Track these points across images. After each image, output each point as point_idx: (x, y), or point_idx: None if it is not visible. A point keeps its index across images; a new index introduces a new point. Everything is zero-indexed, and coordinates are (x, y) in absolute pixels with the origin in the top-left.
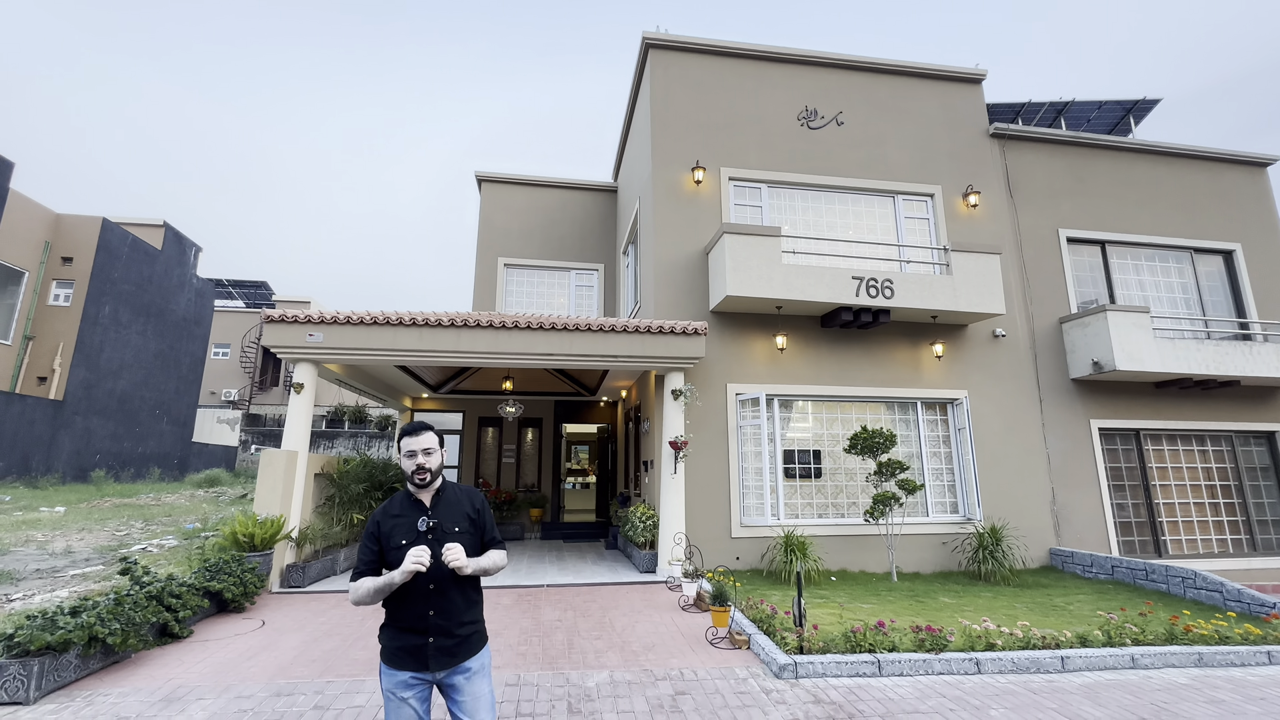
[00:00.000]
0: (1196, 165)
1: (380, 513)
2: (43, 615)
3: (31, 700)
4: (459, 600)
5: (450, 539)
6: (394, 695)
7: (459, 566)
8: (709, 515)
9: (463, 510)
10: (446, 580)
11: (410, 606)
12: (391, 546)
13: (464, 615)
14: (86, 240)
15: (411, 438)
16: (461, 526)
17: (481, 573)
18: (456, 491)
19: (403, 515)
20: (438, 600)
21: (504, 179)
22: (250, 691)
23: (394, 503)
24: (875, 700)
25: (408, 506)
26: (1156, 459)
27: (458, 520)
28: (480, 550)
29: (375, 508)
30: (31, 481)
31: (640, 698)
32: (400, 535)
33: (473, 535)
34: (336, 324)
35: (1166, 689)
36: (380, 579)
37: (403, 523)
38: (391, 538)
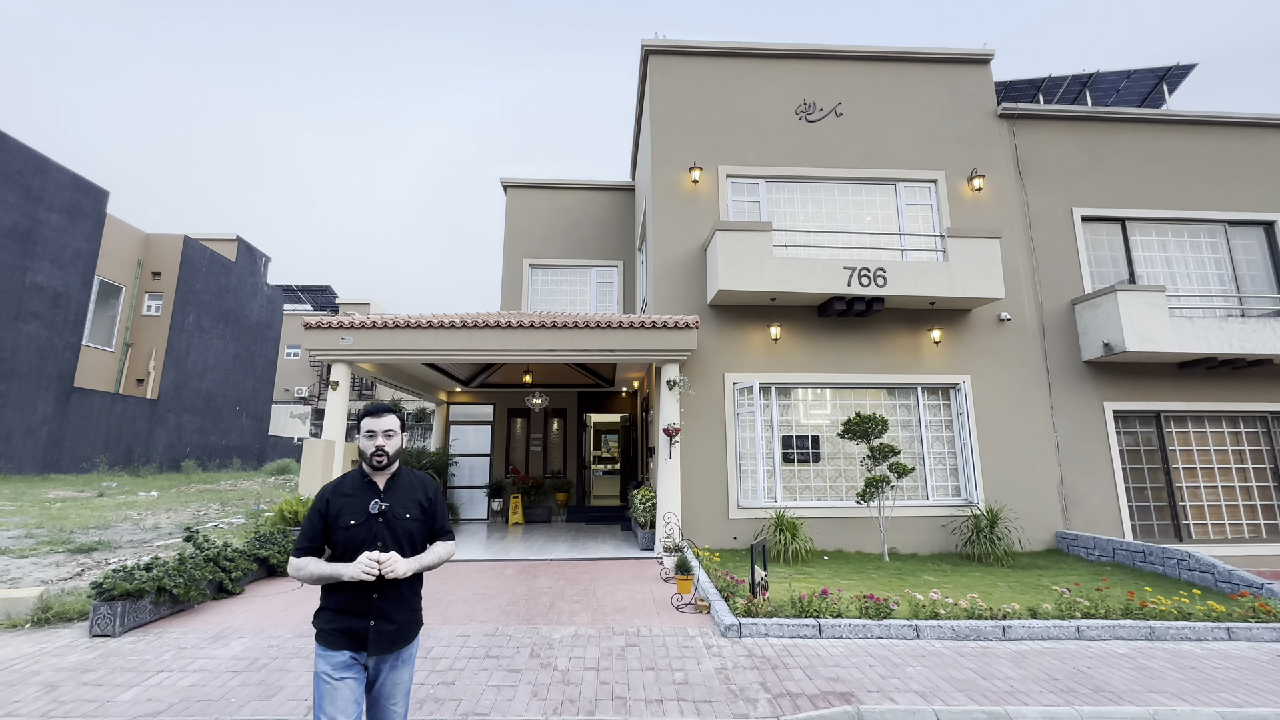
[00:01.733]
0: (1233, 133)
1: (330, 489)
2: (124, 570)
3: (117, 634)
4: (404, 589)
5: (401, 524)
6: (330, 677)
7: (399, 575)
8: (708, 497)
9: (415, 497)
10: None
11: (355, 590)
12: (339, 525)
13: (407, 603)
14: (171, 256)
15: (373, 418)
16: (413, 514)
17: (424, 569)
18: (412, 478)
19: (354, 495)
20: (383, 587)
21: (527, 184)
22: (279, 633)
23: (346, 481)
24: (803, 656)
25: (360, 487)
26: (1180, 441)
27: (409, 507)
28: (429, 538)
29: None
30: (134, 470)
31: (594, 648)
32: (349, 515)
33: (423, 523)
34: (364, 328)
35: (1100, 657)
36: (327, 568)
37: (353, 502)
38: (340, 516)
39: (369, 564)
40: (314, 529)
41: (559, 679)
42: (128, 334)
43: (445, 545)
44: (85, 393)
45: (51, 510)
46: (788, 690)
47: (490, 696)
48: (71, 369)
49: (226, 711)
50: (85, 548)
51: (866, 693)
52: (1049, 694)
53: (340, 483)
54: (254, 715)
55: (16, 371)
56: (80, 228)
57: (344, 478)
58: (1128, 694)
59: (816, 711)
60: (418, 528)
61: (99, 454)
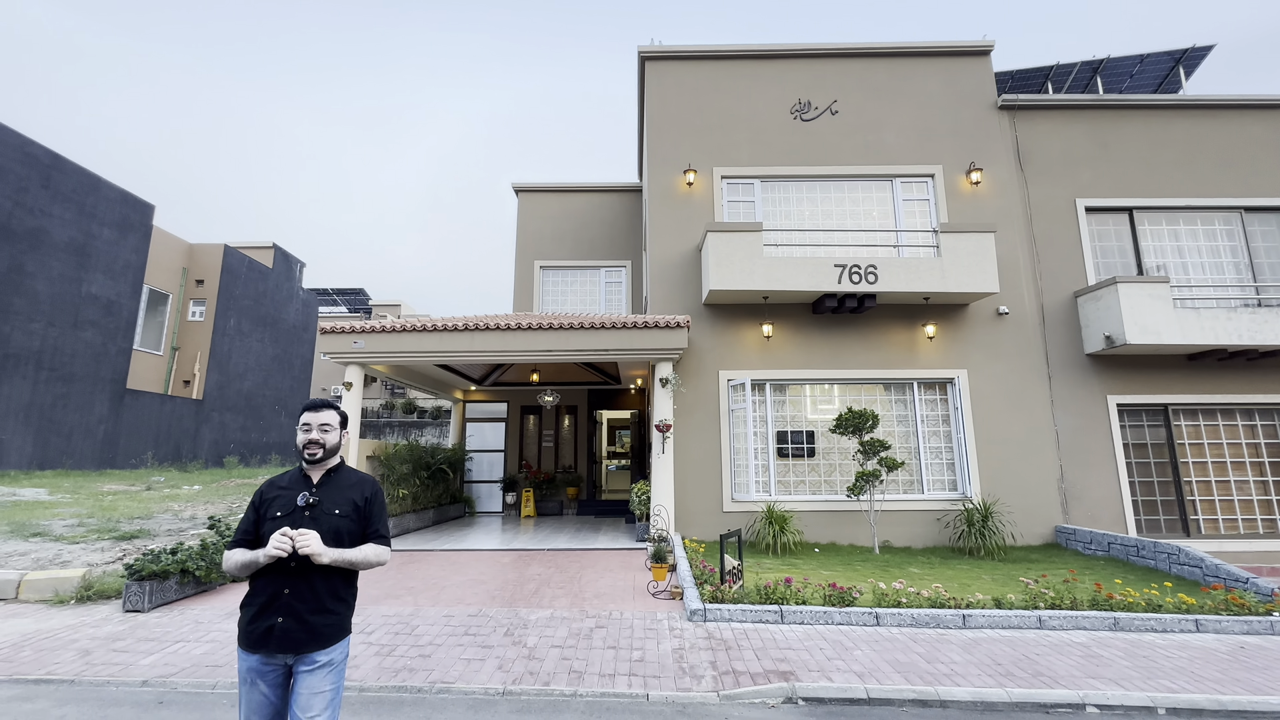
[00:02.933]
0: (1251, 116)
1: (267, 484)
2: (152, 554)
3: (146, 610)
4: (320, 587)
5: (328, 520)
6: (247, 681)
7: (313, 554)
8: (703, 491)
9: (350, 496)
10: (308, 563)
11: (267, 584)
12: (267, 518)
13: (323, 603)
14: (212, 264)
15: (310, 412)
16: (344, 510)
17: (348, 565)
18: (352, 477)
19: (288, 489)
20: (295, 582)
21: (537, 188)
22: None
23: (284, 475)
24: (760, 639)
25: (296, 481)
26: (1191, 435)
27: (341, 504)
28: (360, 540)
29: (419, 485)
30: (182, 466)
31: (565, 629)
32: (277, 508)
33: (354, 522)
34: (374, 332)
35: (1054, 646)
36: (249, 554)
37: (284, 496)
38: (270, 508)
39: (280, 540)
40: (248, 522)
41: (525, 655)
42: (175, 338)
43: (376, 548)
44: (137, 394)
45: (103, 502)
46: (734, 668)
47: (459, 669)
48: (124, 372)
49: (228, 676)
50: (128, 535)
51: (807, 672)
52: (986, 677)
53: (279, 477)
54: None
55: (75, 375)
56: (129, 240)
57: (283, 473)
58: (1065, 679)
59: (754, 687)
60: (347, 525)
61: (149, 451)
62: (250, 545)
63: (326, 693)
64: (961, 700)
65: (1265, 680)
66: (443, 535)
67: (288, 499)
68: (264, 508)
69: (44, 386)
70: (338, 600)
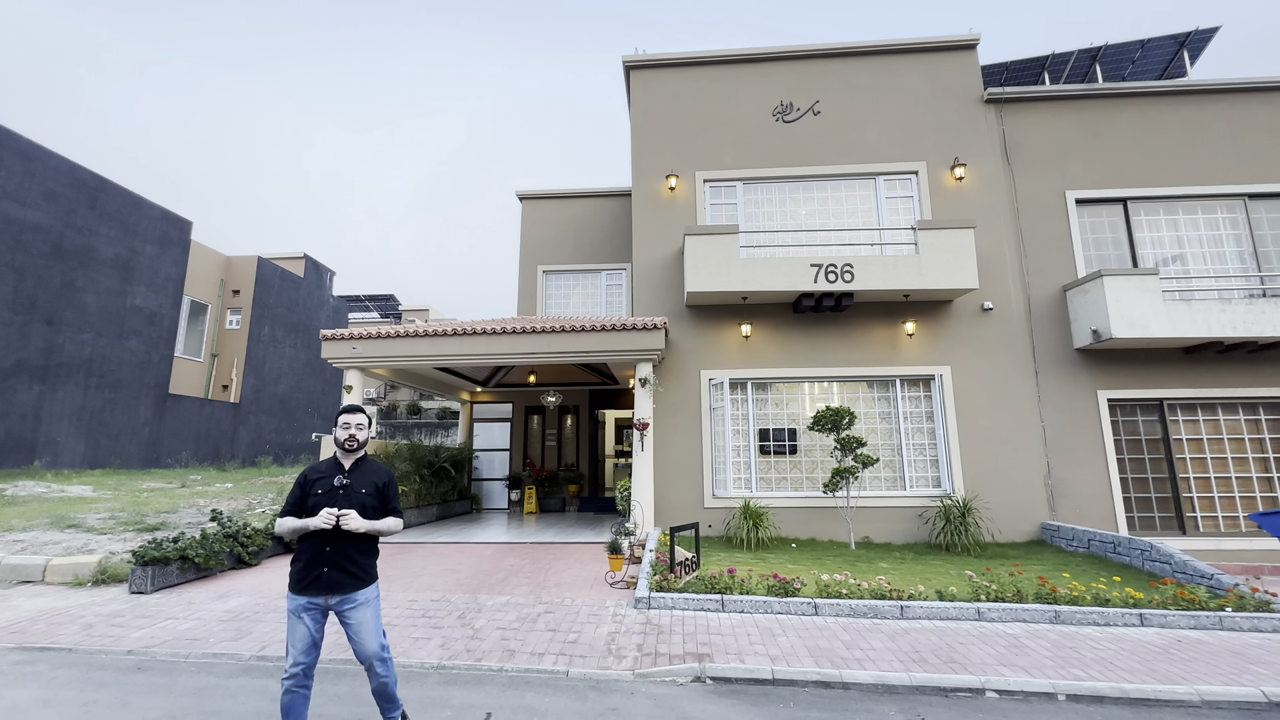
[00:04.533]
0: (1256, 100)
1: (310, 469)
2: (155, 541)
3: (148, 592)
4: (351, 547)
5: (357, 497)
6: (294, 615)
7: (353, 527)
8: (684, 487)
9: (373, 480)
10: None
11: (316, 544)
12: (311, 494)
13: (356, 559)
14: (247, 275)
15: (348, 414)
16: (369, 491)
17: (376, 533)
18: (373, 465)
19: (326, 474)
20: (336, 543)
21: (540, 195)
22: (269, 595)
23: (322, 463)
24: (694, 625)
25: (332, 467)
26: (1188, 430)
27: (367, 486)
28: (382, 514)
29: (420, 484)
30: (220, 466)
31: (515, 614)
32: (320, 487)
33: (376, 499)
34: (370, 338)
35: (982, 636)
36: (299, 522)
37: (324, 478)
38: (313, 487)
39: (328, 515)
40: (295, 498)
41: (469, 635)
42: (214, 346)
43: (393, 520)
44: (178, 398)
45: (139, 498)
46: (657, 650)
47: (405, 645)
48: (166, 378)
49: (202, 647)
50: (152, 527)
51: (723, 655)
52: (897, 663)
53: (317, 464)
54: (220, 649)
55: (122, 381)
56: (170, 255)
57: (322, 461)
58: (976, 666)
59: (669, 667)
60: (371, 502)
61: (190, 451)
62: (296, 515)
63: (370, 621)
64: (863, 683)
65: (1182, 671)
66: (439, 530)
67: (327, 481)
68: (309, 486)
69: (94, 392)
70: (365, 556)
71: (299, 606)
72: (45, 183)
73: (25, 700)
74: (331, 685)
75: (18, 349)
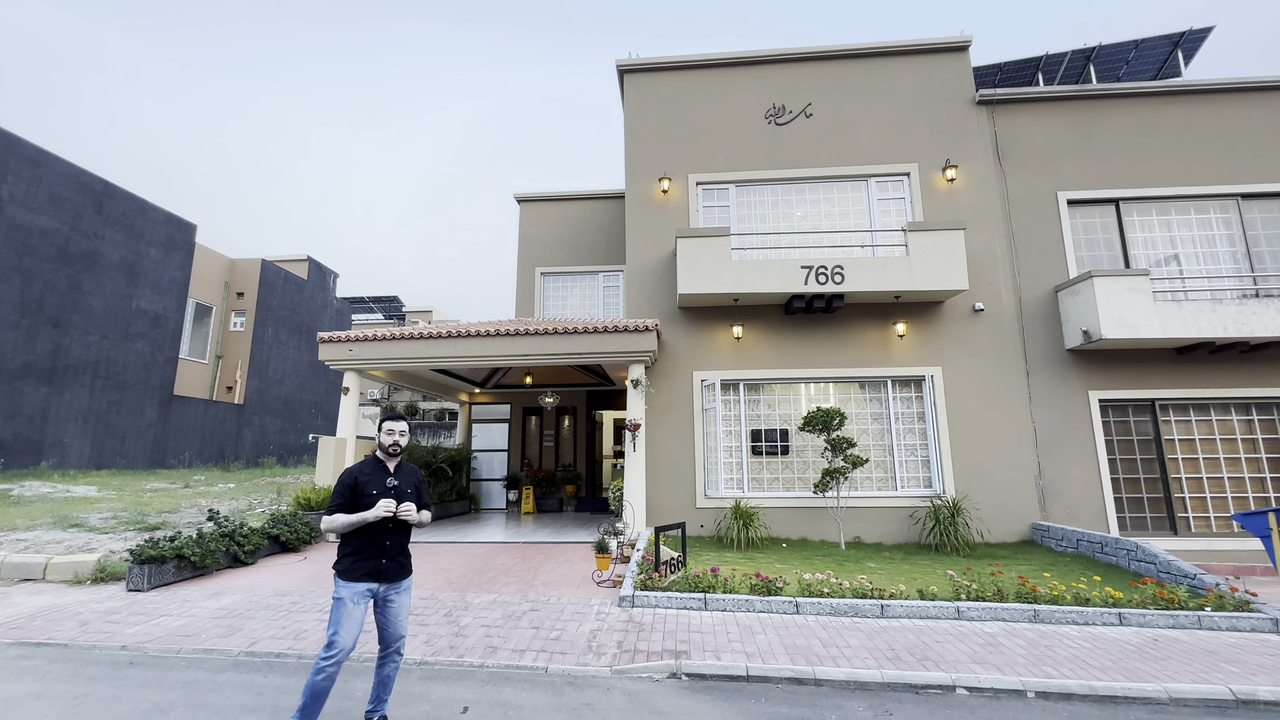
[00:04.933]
0: (1248, 99)
1: (356, 470)
2: (151, 541)
3: (145, 590)
4: (403, 539)
5: (405, 496)
6: (350, 603)
7: (414, 520)
8: (677, 487)
9: (412, 481)
10: (399, 523)
11: (374, 537)
12: (365, 494)
13: (405, 549)
14: (251, 277)
15: (392, 421)
16: (410, 489)
17: (418, 524)
18: (408, 466)
19: (373, 475)
20: (393, 536)
21: (538, 197)
22: (261, 594)
23: (366, 464)
24: (675, 624)
25: (376, 469)
26: (1181, 431)
27: (408, 485)
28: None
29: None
30: (224, 466)
31: (500, 611)
32: (373, 487)
33: (415, 497)
34: (366, 340)
35: (959, 635)
36: (354, 515)
37: (374, 479)
38: (366, 487)
39: (389, 504)
40: (344, 498)
41: (453, 632)
42: (218, 347)
43: (427, 514)
44: (183, 400)
45: (142, 498)
46: (637, 648)
47: None
48: (171, 379)
49: (194, 643)
50: (152, 527)
51: (701, 652)
52: (871, 661)
53: (361, 466)
54: (211, 645)
55: (127, 383)
56: (174, 258)
57: (363, 463)
58: (949, 664)
59: (646, 663)
60: (414, 499)
61: (195, 452)
62: (345, 511)
63: (407, 606)
64: (836, 679)
65: (1154, 669)
66: (435, 530)
67: (379, 481)
68: (360, 487)
69: (100, 394)
70: (409, 546)
71: (355, 594)
72: (52, 188)
73: (20, 693)
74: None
75: (25, 351)
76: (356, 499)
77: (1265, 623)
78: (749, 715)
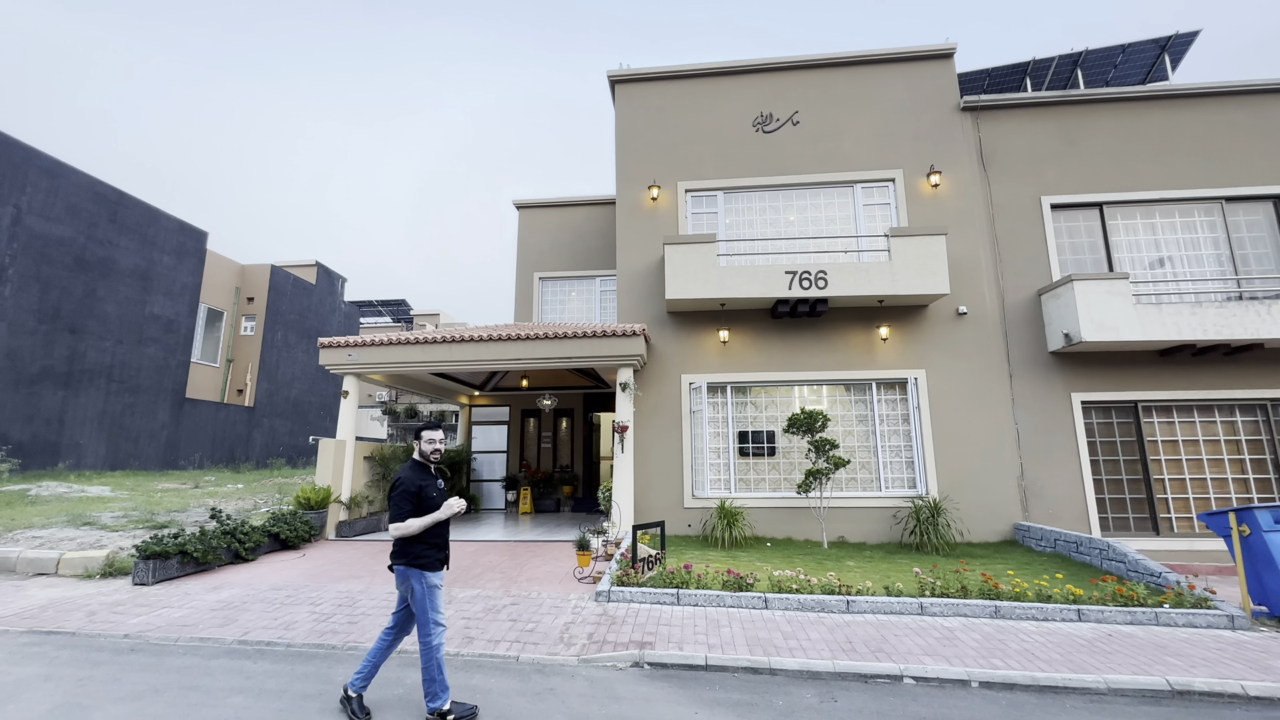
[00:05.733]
0: (1233, 103)
1: (413, 478)
2: (156, 537)
3: (150, 583)
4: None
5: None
6: (437, 588)
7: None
8: (666, 488)
9: (443, 482)
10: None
11: (441, 533)
12: (428, 496)
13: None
14: (261, 283)
15: (432, 431)
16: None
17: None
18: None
19: (428, 481)
20: (448, 529)
21: (536, 204)
22: (260, 586)
23: (414, 471)
24: (646, 617)
25: (425, 475)
26: (1164, 432)
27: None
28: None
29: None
30: (234, 467)
31: (481, 605)
32: (431, 491)
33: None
34: (364, 345)
35: (918, 628)
36: (429, 517)
37: (429, 484)
38: (426, 491)
39: (460, 503)
40: (413, 503)
41: None
42: (229, 351)
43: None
44: (195, 402)
45: (153, 498)
46: (606, 639)
47: (374, 633)
48: (183, 383)
49: (191, 632)
50: (160, 525)
51: (665, 644)
52: (827, 652)
53: (414, 475)
54: (207, 634)
55: (141, 386)
56: (186, 264)
57: (410, 471)
58: (902, 655)
59: (611, 653)
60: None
61: (206, 453)
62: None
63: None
64: (789, 669)
65: (1100, 662)
66: None
67: (433, 485)
68: (423, 492)
69: (114, 397)
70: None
71: (441, 581)
72: (68, 198)
73: (29, 676)
74: (302, 666)
75: (43, 356)
76: (421, 504)
77: (1221, 619)
78: (701, 701)
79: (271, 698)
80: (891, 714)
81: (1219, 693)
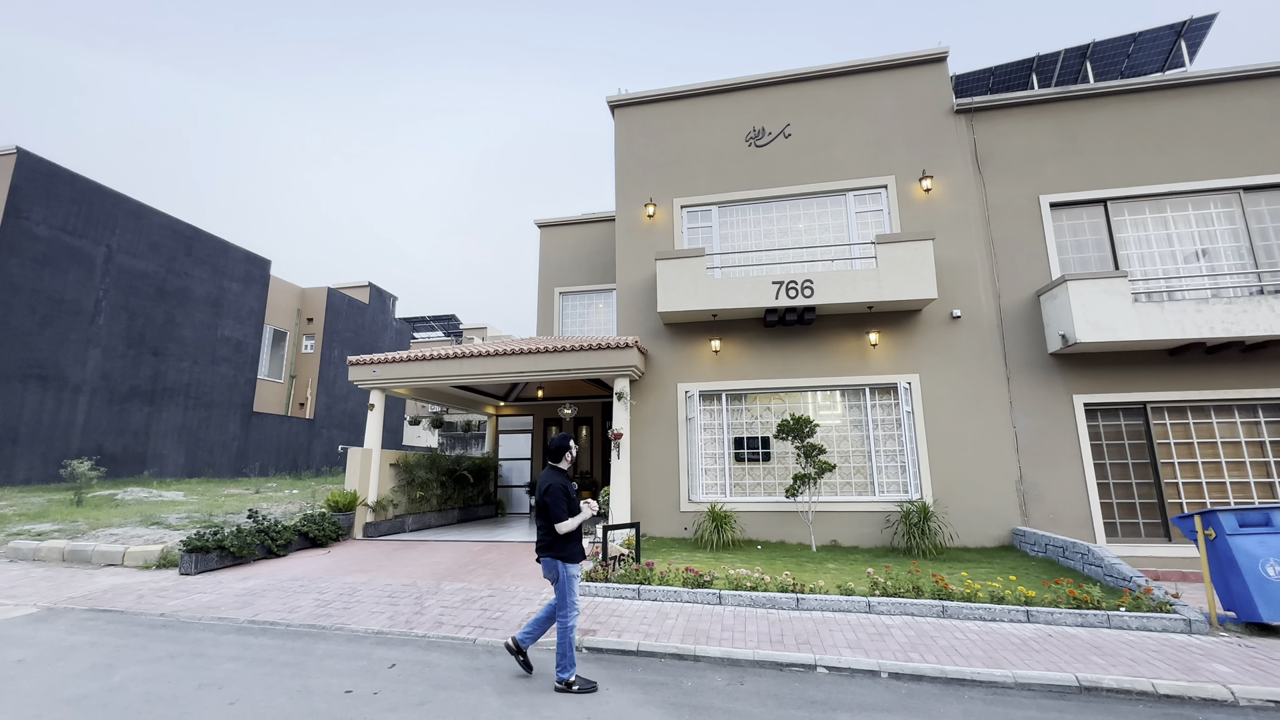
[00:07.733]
0: (1249, 88)
1: (563, 482)
2: (199, 534)
3: (193, 574)
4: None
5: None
6: (576, 577)
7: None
8: (663, 492)
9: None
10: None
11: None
12: (573, 499)
13: None
14: (319, 304)
15: (565, 442)
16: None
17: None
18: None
19: (569, 484)
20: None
21: (556, 222)
22: (281, 577)
23: (561, 476)
24: (604, 610)
25: (565, 478)
26: (1177, 434)
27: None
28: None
29: (440, 489)
30: (296, 475)
31: (462, 596)
32: (573, 492)
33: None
34: (385, 363)
35: (855, 624)
36: (581, 515)
37: (569, 487)
38: (572, 493)
39: (595, 506)
40: (569, 501)
41: (415, 611)
42: (292, 368)
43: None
44: (261, 415)
45: (217, 502)
46: None
47: (362, 618)
48: (251, 398)
49: (214, 612)
50: (214, 525)
51: (607, 631)
52: (755, 643)
53: (560, 478)
54: (225, 614)
55: (214, 402)
56: (253, 290)
57: (558, 474)
58: (824, 647)
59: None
60: None
61: (271, 462)
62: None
63: None
64: (711, 656)
65: (1022, 659)
66: (450, 530)
67: (571, 489)
68: (572, 494)
69: (191, 412)
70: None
71: (580, 570)
72: (150, 236)
73: (80, 642)
74: (292, 641)
75: (131, 377)
76: (571, 502)
77: (1177, 623)
78: (618, 680)
79: (259, 665)
80: (787, 696)
81: (1127, 690)
